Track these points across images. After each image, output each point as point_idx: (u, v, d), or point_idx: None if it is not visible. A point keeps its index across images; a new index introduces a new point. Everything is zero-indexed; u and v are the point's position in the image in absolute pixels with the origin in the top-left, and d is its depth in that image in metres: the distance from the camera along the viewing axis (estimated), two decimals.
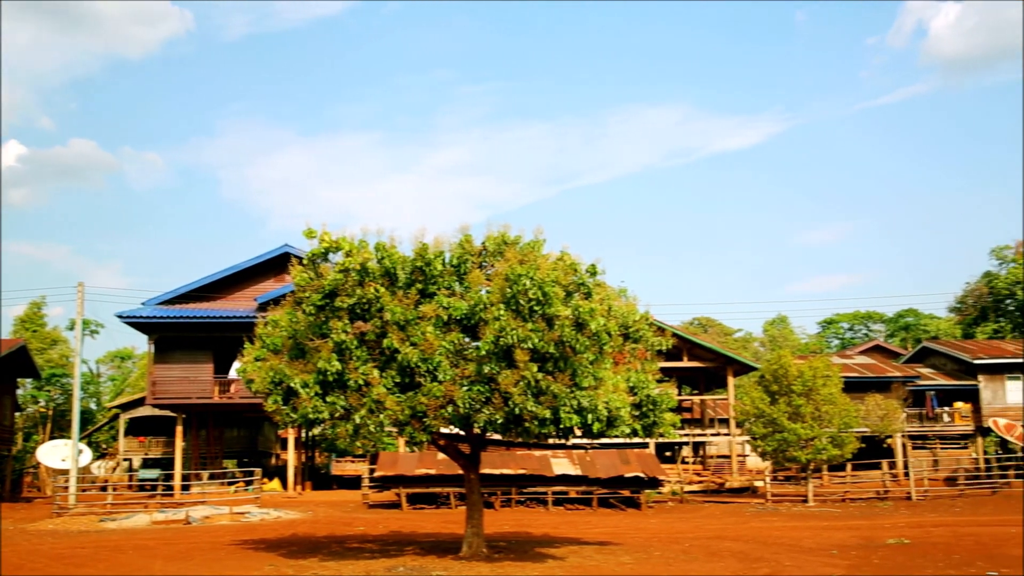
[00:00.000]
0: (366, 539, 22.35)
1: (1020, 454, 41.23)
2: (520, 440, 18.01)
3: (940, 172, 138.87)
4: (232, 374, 36.21)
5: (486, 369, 15.63)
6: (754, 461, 42.22)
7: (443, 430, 17.91)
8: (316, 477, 46.32)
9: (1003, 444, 46.09)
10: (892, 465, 40.28)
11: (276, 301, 22.75)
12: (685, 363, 40.57)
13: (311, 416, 16.42)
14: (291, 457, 39.16)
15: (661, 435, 18.61)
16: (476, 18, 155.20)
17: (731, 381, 41.56)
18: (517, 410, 15.46)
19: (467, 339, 16.85)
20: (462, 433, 18.62)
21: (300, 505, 32.84)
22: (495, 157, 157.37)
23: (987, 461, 41.38)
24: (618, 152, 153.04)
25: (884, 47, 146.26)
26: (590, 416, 15.55)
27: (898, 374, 44.21)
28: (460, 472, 20.72)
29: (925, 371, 46.49)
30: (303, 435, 44.46)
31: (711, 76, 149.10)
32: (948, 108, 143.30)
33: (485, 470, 28.23)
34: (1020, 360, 44.51)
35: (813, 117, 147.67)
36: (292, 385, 16.34)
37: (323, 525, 26.02)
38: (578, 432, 16.79)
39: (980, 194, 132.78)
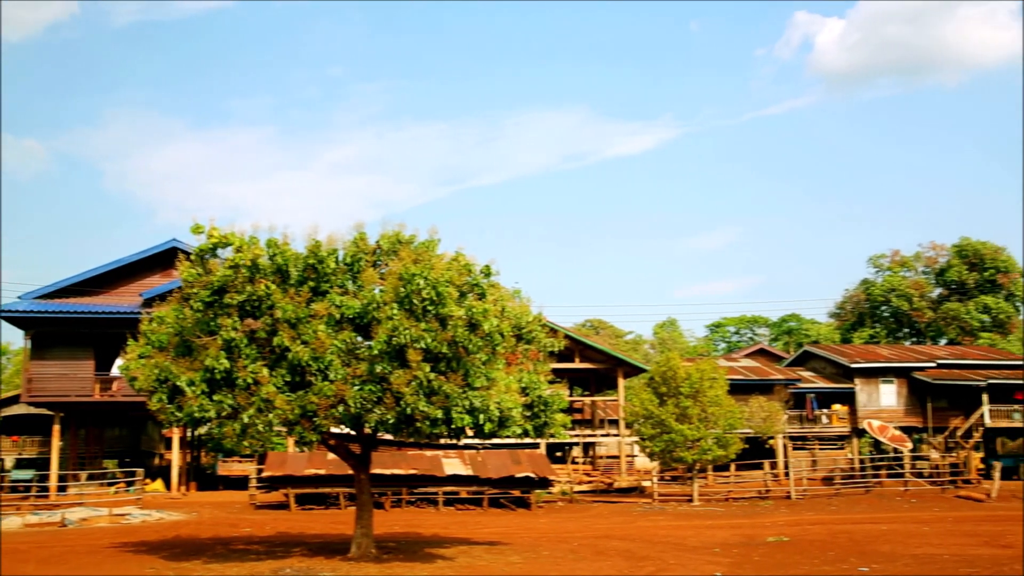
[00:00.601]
0: (252, 540, 21.93)
1: (892, 454, 43.04)
2: (412, 440, 17.97)
3: (822, 182, 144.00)
4: (115, 371, 35.02)
5: (378, 368, 15.55)
6: (642, 461, 42.93)
7: (334, 430, 17.73)
8: (202, 477, 45.20)
9: (876, 445, 48.02)
10: (773, 465, 41.52)
11: (162, 297, 22.12)
12: (577, 364, 41.00)
13: (197, 415, 16.05)
14: (175, 457, 38.14)
15: (552, 435, 18.82)
16: (371, 15, 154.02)
17: (621, 383, 42.20)
18: (409, 410, 15.42)
19: (359, 338, 16.73)
20: (353, 433, 18.47)
21: (184, 506, 32.01)
22: (390, 156, 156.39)
23: (862, 461, 43.03)
24: (514, 154, 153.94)
25: (773, 59, 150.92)
26: (482, 416, 15.62)
27: (780, 377, 45.63)
28: (350, 472, 20.53)
29: (806, 374, 48.09)
30: (188, 434, 43.31)
31: (608, 82, 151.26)
32: (831, 120, 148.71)
33: (376, 470, 28.03)
34: (894, 364, 46.47)
35: (705, 125, 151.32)
36: (178, 383, 15.95)
37: (208, 526, 25.41)
38: (470, 432, 16.83)
39: (860, 204, 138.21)
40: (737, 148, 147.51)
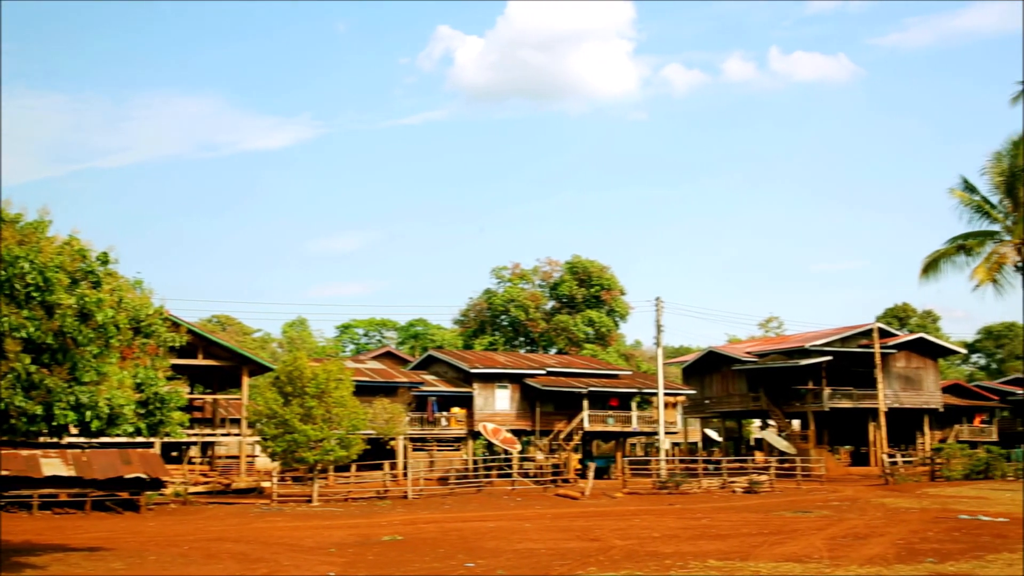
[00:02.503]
0: None
1: (503, 455, 45.77)
2: (6, 438, 16.35)
3: (454, 194, 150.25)
4: None
5: None
6: (264, 462, 42.19)
7: None
8: None
9: (490, 447, 50.85)
10: (393, 466, 42.50)
11: None
12: (200, 361, 39.47)
13: None
14: None
15: (168, 434, 17.97)
16: None
17: (246, 381, 41.22)
18: (3, 405, 14.02)
19: None
20: None
21: None
22: None
23: (475, 462, 45.32)
24: (142, 137, 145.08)
25: (416, 69, 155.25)
26: (89, 413, 14.58)
27: (405, 380, 46.90)
28: None
29: (429, 378, 49.79)
30: None
31: (247, 73, 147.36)
32: (467, 134, 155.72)
33: None
34: (509, 371, 49.47)
35: (344, 127, 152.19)
36: None
37: None
38: (75, 430, 15.63)
39: (485, 218, 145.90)
40: (374, 154, 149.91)
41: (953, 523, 24.58)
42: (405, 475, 40.13)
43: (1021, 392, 61.21)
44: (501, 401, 49.03)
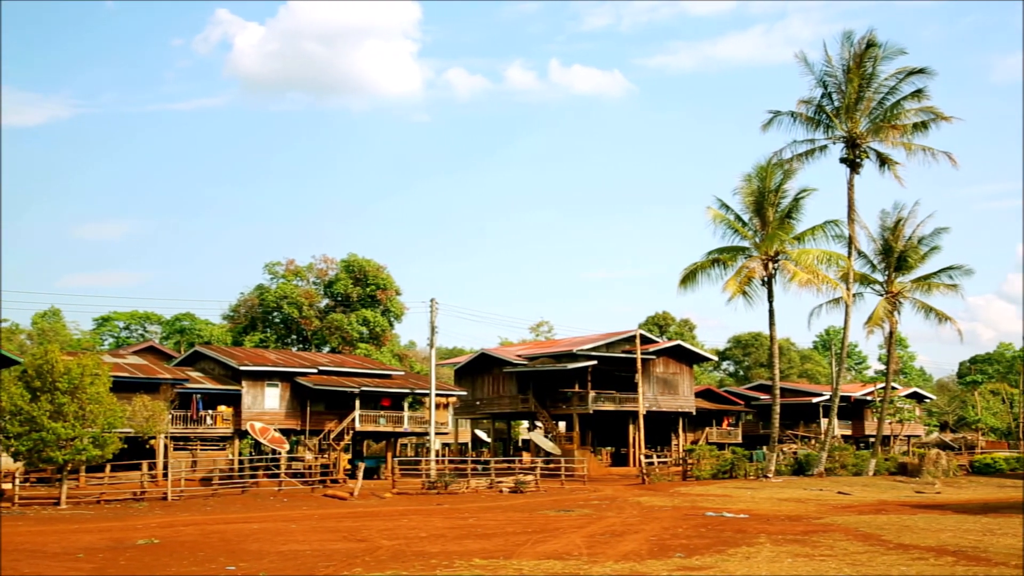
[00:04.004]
0: None
1: (271, 455, 44.72)
2: None
3: (226, 185, 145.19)
4: None
5: None
6: (6, 462, 39.18)
7: None
8: None
9: (257, 446, 49.49)
10: (152, 466, 40.55)
11: None
12: None
13: None
14: None
15: None
16: None
17: None
18: None
19: None
20: None
21: None
22: None
23: (241, 462, 43.97)
24: None
25: (191, 52, 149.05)
26: None
27: (168, 376, 44.81)
28: None
29: (195, 374, 47.83)
30: None
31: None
32: (243, 125, 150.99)
33: None
34: (280, 369, 48.35)
35: (107, 108, 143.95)
36: None
37: None
38: None
39: (258, 211, 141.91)
40: (140, 138, 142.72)
41: (701, 520, 26.27)
42: (165, 475, 38.39)
43: (764, 397, 66.20)
44: (271, 400, 47.87)
